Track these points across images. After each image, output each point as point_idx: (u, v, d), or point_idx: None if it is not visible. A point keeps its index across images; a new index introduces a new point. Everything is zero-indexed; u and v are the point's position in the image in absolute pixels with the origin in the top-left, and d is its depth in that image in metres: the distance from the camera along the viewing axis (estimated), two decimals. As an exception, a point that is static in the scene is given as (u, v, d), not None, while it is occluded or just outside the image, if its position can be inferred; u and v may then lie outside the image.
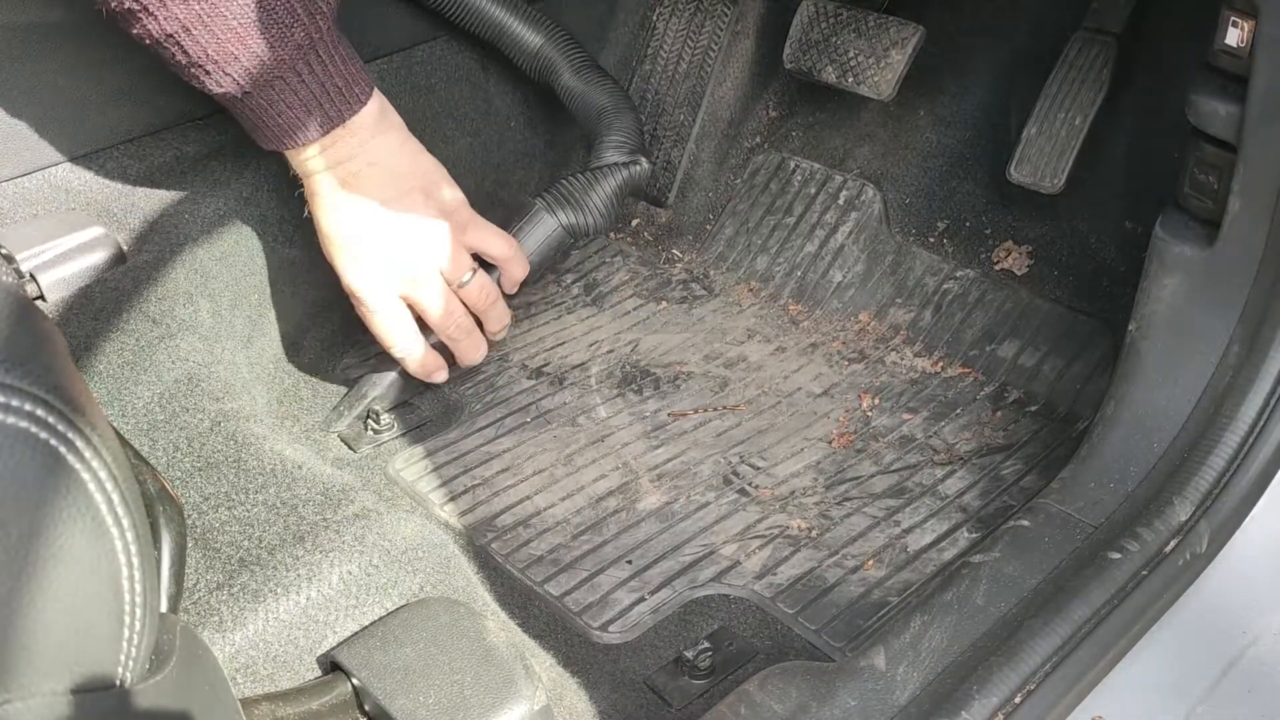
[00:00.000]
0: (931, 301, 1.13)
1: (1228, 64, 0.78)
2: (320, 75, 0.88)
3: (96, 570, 0.42)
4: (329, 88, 0.89)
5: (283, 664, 0.67)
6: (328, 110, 0.90)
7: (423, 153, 0.98)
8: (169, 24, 0.82)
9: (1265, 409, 0.78)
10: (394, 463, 0.97)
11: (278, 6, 0.84)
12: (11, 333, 0.41)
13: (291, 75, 0.87)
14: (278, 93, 0.87)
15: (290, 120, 0.89)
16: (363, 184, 0.93)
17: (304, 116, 0.89)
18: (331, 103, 0.90)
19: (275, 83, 0.87)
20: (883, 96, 1.15)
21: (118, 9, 0.82)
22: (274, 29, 0.84)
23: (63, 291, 0.93)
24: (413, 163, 0.96)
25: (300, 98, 0.88)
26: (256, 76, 0.85)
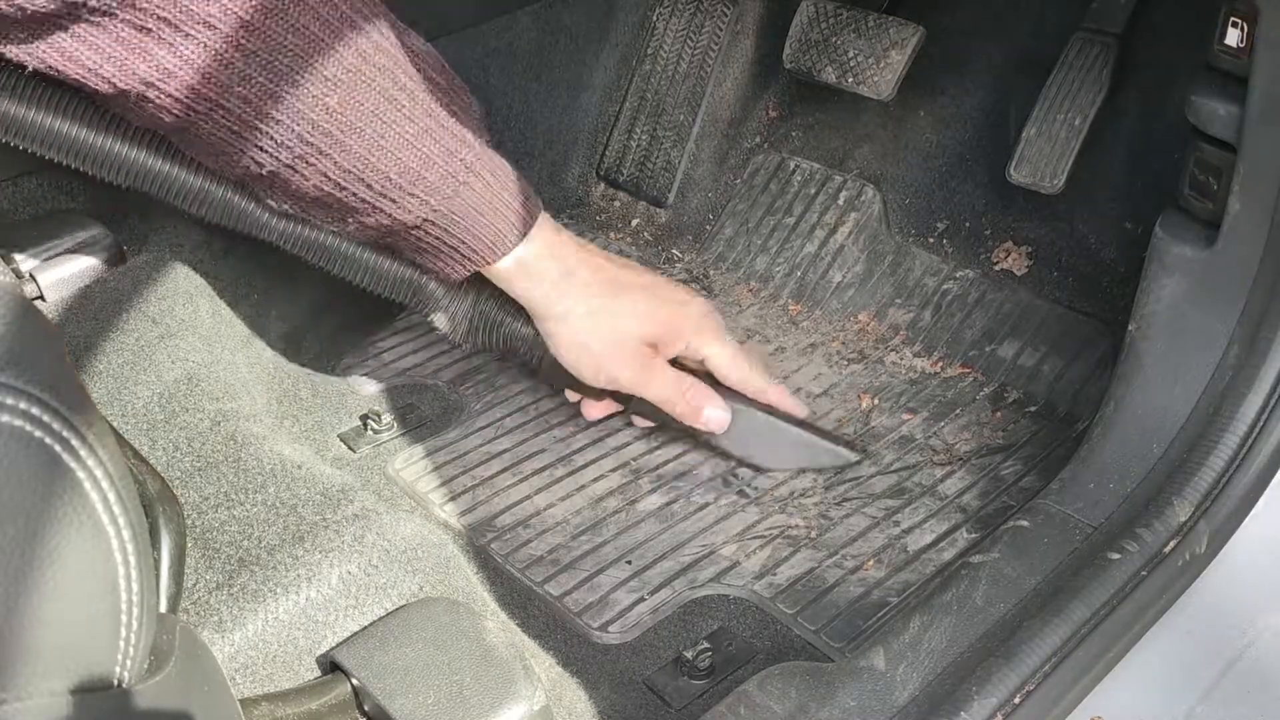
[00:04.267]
0: (931, 302, 1.13)
1: (1228, 64, 0.78)
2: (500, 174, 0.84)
3: (93, 570, 0.42)
4: (510, 180, 0.85)
5: (282, 664, 0.67)
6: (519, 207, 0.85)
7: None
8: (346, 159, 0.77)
9: (1265, 409, 0.78)
10: (394, 463, 0.97)
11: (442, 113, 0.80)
12: (9, 332, 0.41)
13: (476, 180, 0.82)
14: (467, 199, 0.82)
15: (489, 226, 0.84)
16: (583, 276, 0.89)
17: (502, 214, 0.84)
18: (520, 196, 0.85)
19: (462, 189, 0.82)
20: (882, 97, 1.15)
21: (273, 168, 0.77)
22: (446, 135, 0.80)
23: (62, 291, 0.93)
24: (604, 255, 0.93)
25: (489, 200, 0.83)
26: (443, 189, 0.81)
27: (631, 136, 1.32)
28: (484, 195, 0.83)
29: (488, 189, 0.83)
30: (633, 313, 0.91)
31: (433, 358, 1.10)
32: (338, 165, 0.78)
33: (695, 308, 0.94)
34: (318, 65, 0.74)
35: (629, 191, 1.32)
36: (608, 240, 1.30)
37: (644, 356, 0.91)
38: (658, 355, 0.93)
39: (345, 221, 0.83)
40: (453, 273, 0.88)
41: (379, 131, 0.77)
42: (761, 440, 0.95)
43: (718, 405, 0.93)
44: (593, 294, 0.89)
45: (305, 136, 0.76)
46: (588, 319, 0.89)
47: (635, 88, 1.32)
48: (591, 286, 0.89)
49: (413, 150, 0.79)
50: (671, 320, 0.92)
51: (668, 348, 0.93)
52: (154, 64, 0.71)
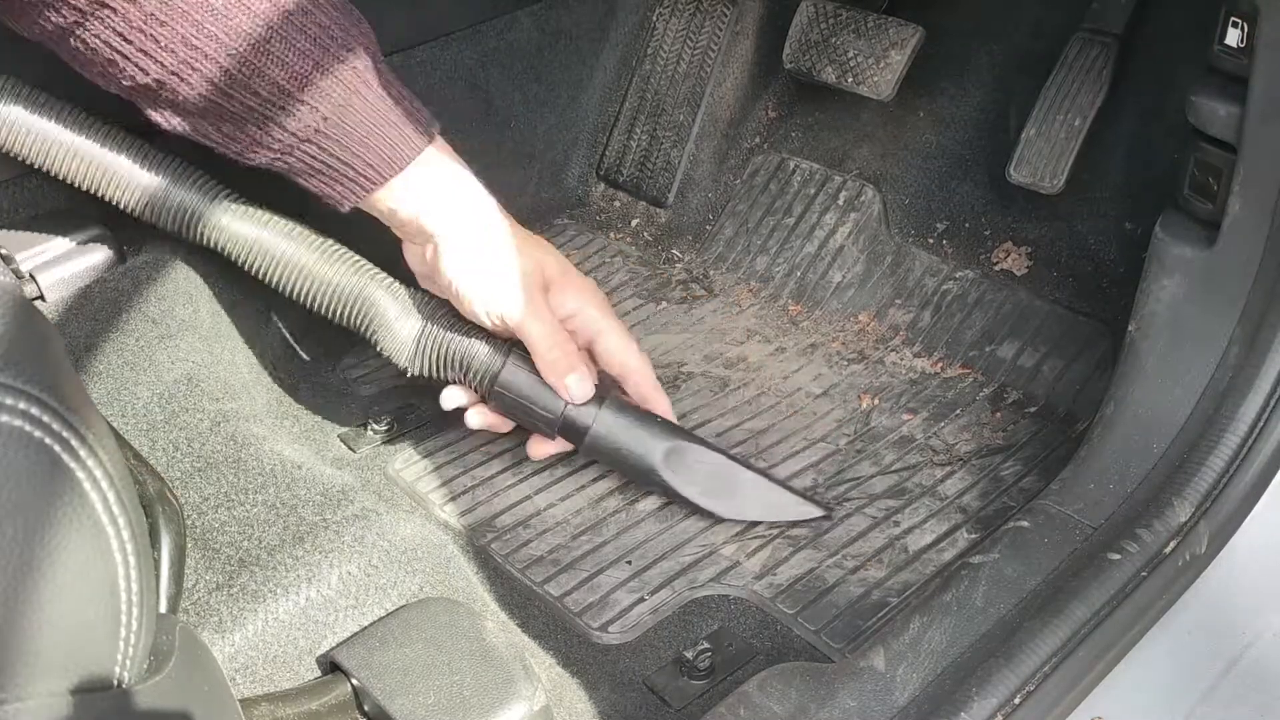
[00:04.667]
0: (931, 302, 1.13)
1: (1228, 64, 0.78)
2: (393, 90, 0.81)
3: (92, 570, 0.42)
4: (403, 101, 0.82)
5: (282, 664, 0.67)
6: (414, 125, 0.82)
7: None
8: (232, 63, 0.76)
9: (1265, 410, 0.78)
10: (394, 463, 0.97)
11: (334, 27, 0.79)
12: (9, 332, 0.41)
13: (369, 90, 0.80)
14: (360, 110, 0.80)
15: (383, 139, 0.81)
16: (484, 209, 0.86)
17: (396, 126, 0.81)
18: (414, 118, 0.82)
19: (354, 100, 0.79)
20: (882, 97, 1.15)
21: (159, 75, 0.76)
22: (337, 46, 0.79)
23: (62, 291, 0.93)
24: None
25: (383, 113, 0.80)
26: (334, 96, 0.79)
27: (631, 137, 1.32)
28: (377, 108, 0.80)
29: (381, 101, 0.80)
30: (532, 250, 0.88)
31: (433, 358, 1.10)
32: (224, 70, 0.75)
33: (592, 283, 0.92)
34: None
35: (629, 191, 1.32)
36: (608, 240, 1.30)
37: (533, 292, 0.87)
38: (546, 299, 0.88)
39: (236, 137, 0.80)
40: (347, 195, 0.84)
41: (267, 36, 0.75)
42: (721, 487, 0.90)
43: (586, 377, 0.88)
44: (491, 227, 0.86)
45: (190, 40, 0.74)
46: (485, 249, 0.86)
47: (635, 88, 1.32)
48: (490, 221, 0.86)
49: (303, 57, 0.77)
50: (570, 274, 0.90)
51: (560, 296, 0.89)
52: None
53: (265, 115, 0.78)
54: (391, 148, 0.81)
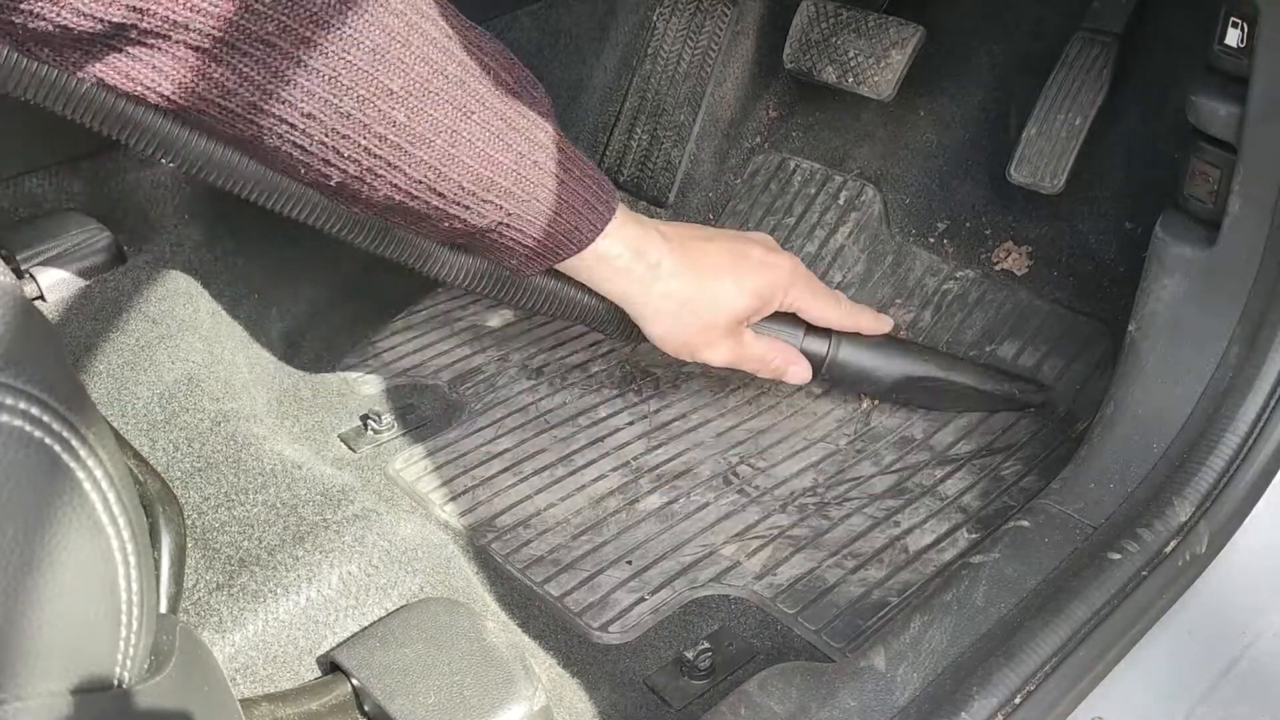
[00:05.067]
0: (931, 302, 1.13)
1: (1228, 64, 0.78)
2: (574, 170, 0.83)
3: (93, 570, 0.42)
4: (587, 181, 0.84)
5: (282, 664, 0.67)
6: (595, 204, 0.84)
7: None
8: (416, 171, 0.76)
9: (1265, 409, 0.77)
10: (394, 463, 0.97)
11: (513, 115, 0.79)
12: (9, 332, 0.41)
13: (550, 179, 0.81)
14: (543, 202, 0.81)
15: (565, 225, 0.83)
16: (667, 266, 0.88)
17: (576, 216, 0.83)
18: (595, 192, 0.84)
19: (539, 193, 0.81)
20: (883, 97, 1.15)
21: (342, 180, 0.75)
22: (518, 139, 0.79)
23: (62, 291, 0.93)
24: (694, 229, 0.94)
25: (566, 199, 0.82)
26: (517, 194, 0.80)
27: (632, 136, 1.32)
28: (558, 194, 0.82)
29: (562, 187, 0.82)
30: (723, 297, 0.91)
31: (433, 358, 1.10)
32: (408, 177, 0.76)
33: (784, 268, 0.94)
34: (383, 79, 0.72)
35: (629, 191, 1.32)
36: (608, 240, 1.30)
37: (734, 335, 0.93)
38: (746, 326, 0.95)
39: (419, 226, 0.81)
40: (528, 269, 0.86)
41: (449, 142, 0.76)
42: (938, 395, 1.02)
43: (799, 363, 0.98)
44: (677, 285, 0.89)
45: (373, 150, 0.74)
46: (679, 310, 0.89)
47: (635, 88, 1.32)
48: (674, 278, 0.89)
49: (484, 159, 0.77)
50: (760, 290, 0.93)
51: (761, 314, 0.95)
52: (213, 82, 0.69)
53: (448, 213, 0.79)
54: (573, 232, 0.84)
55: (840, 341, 0.99)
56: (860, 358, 1.00)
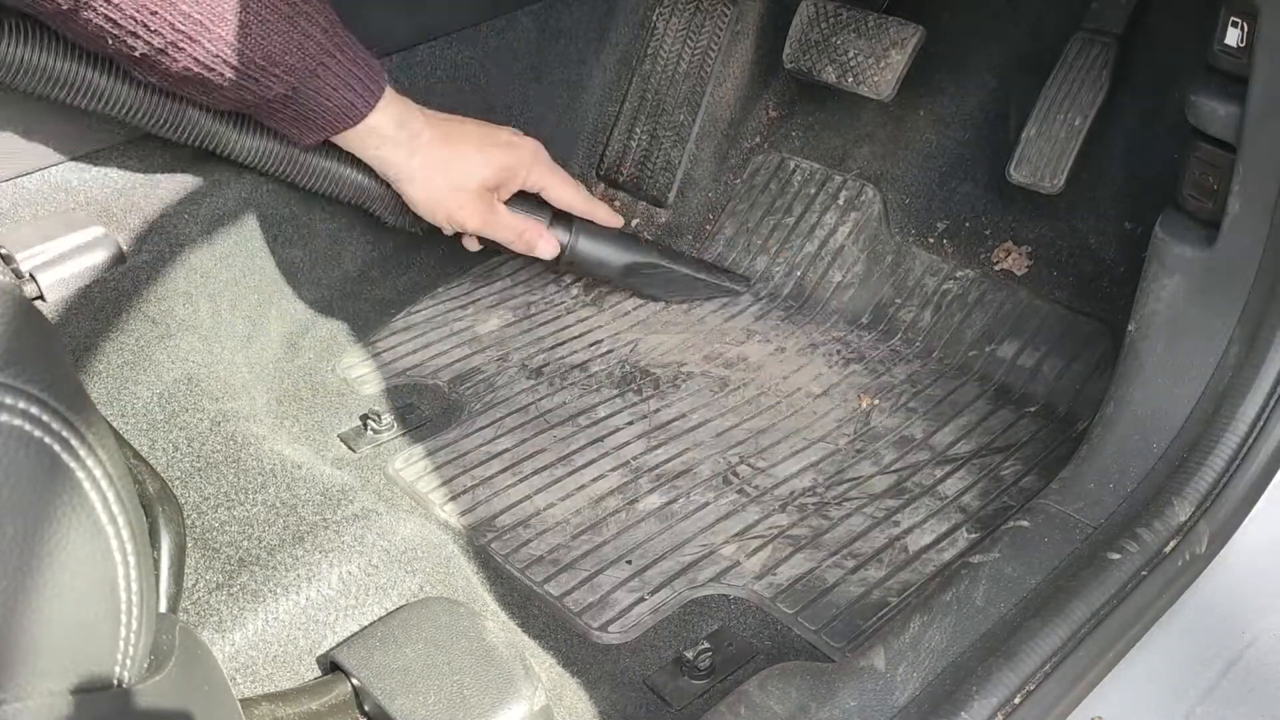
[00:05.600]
0: (931, 302, 1.13)
1: (1227, 64, 0.78)
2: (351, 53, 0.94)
3: (92, 569, 0.42)
4: (360, 62, 0.95)
5: (282, 664, 0.67)
6: (367, 83, 0.96)
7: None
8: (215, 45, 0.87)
9: (1265, 409, 0.77)
10: (394, 463, 0.97)
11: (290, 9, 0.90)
12: (9, 332, 0.41)
13: (330, 59, 0.93)
14: (323, 78, 0.93)
15: (341, 99, 0.95)
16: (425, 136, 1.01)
17: (351, 92, 0.95)
18: (367, 71, 0.96)
19: (319, 69, 0.92)
20: (882, 97, 1.15)
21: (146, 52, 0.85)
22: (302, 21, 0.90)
23: (62, 291, 0.93)
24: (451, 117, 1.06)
25: (343, 76, 0.94)
26: (301, 70, 0.91)
27: (632, 136, 1.32)
28: (336, 72, 0.94)
29: (340, 66, 0.94)
30: (471, 161, 1.04)
31: (433, 358, 1.10)
32: (206, 51, 0.86)
33: (526, 148, 1.09)
34: None
35: (629, 191, 1.32)
36: (608, 240, 1.30)
37: (485, 201, 1.06)
38: (497, 197, 1.08)
39: (211, 96, 0.92)
40: (308, 139, 0.98)
41: (244, 20, 0.87)
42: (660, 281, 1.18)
43: (548, 240, 1.12)
44: (433, 148, 1.02)
45: (176, 25, 0.84)
46: (433, 174, 1.02)
47: (635, 88, 1.32)
48: (432, 145, 1.02)
49: (275, 36, 0.89)
50: (506, 162, 1.06)
51: (507, 187, 1.08)
52: None
53: (241, 84, 0.90)
54: (349, 106, 0.96)
55: (580, 232, 1.13)
56: (596, 246, 1.14)
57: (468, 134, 1.05)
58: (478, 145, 1.05)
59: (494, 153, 1.06)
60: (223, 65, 0.88)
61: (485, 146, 1.05)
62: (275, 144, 1.00)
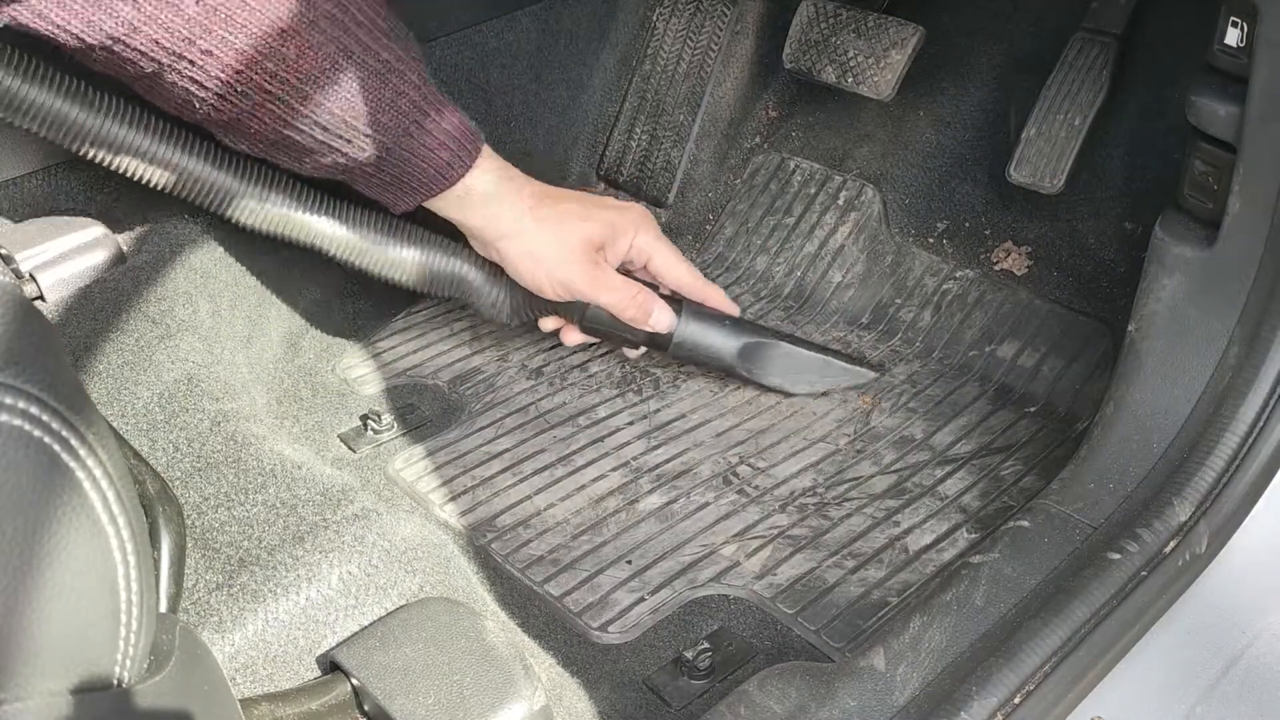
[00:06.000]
0: (931, 302, 1.13)
1: (1227, 64, 0.78)
2: (445, 111, 0.89)
3: (92, 569, 0.42)
4: (455, 119, 0.90)
5: (282, 664, 0.67)
6: (464, 141, 0.90)
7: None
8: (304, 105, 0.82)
9: (1265, 410, 0.77)
10: (394, 463, 0.97)
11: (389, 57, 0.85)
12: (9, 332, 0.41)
13: (424, 118, 0.87)
14: (417, 138, 0.88)
15: (437, 159, 0.89)
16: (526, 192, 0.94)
17: (447, 151, 0.89)
18: (463, 130, 0.90)
19: (412, 128, 0.87)
20: (882, 97, 1.15)
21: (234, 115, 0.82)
22: (394, 78, 0.85)
23: (62, 291, 0.93)
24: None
25: (438, 135, 0.88)
26: (394, 129, 0.86)
27: (631, 136, 1.32)
28: (431, 132, 0.88)
29: (435, 125, 0.88)
30: (576, 216, 0.96)
31: (433, 358, 1.10)
32: (295, 111, 0.82)
33: (634, 211, 1.00)
34: (274, 18, 0.78)
35: (629, 191, 1.32)
36: (608, 240, 1.30)
37: (592, 260, 0.97)
38: (604, 259, 0.99)
39: (302, 161, 0.88)
40: (403, 203, 0.92)
41: (333, 79, 0.82)
42: (782, 366, 1.04)
43: (664, 308, 1.00)
44: (536, 207, 0.94)
45: (264, 85, 0.80)
46: (536, 230, 0.94)
47: (635, 88, 1.32)
48: (534, 201, 0.95)
49: (365, 95, 0.84)
50: (614, 220, 0.98)
51: (614, 247, 0.99)
52: (120, 20, 0.75)
53: (330, 146, 0.86)
54: (445, 167, 0.90)
55: (689, 312, 1.01)
56: (708, 330, 1.02)
57: (568, 193, 0.99)
58: (580, 201, 0.98)
59: (598, 209, 0.98)
60: (313, 127, 0.84)
61: (588, 203, 0.99)
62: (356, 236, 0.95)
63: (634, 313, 0.99)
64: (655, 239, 1.01)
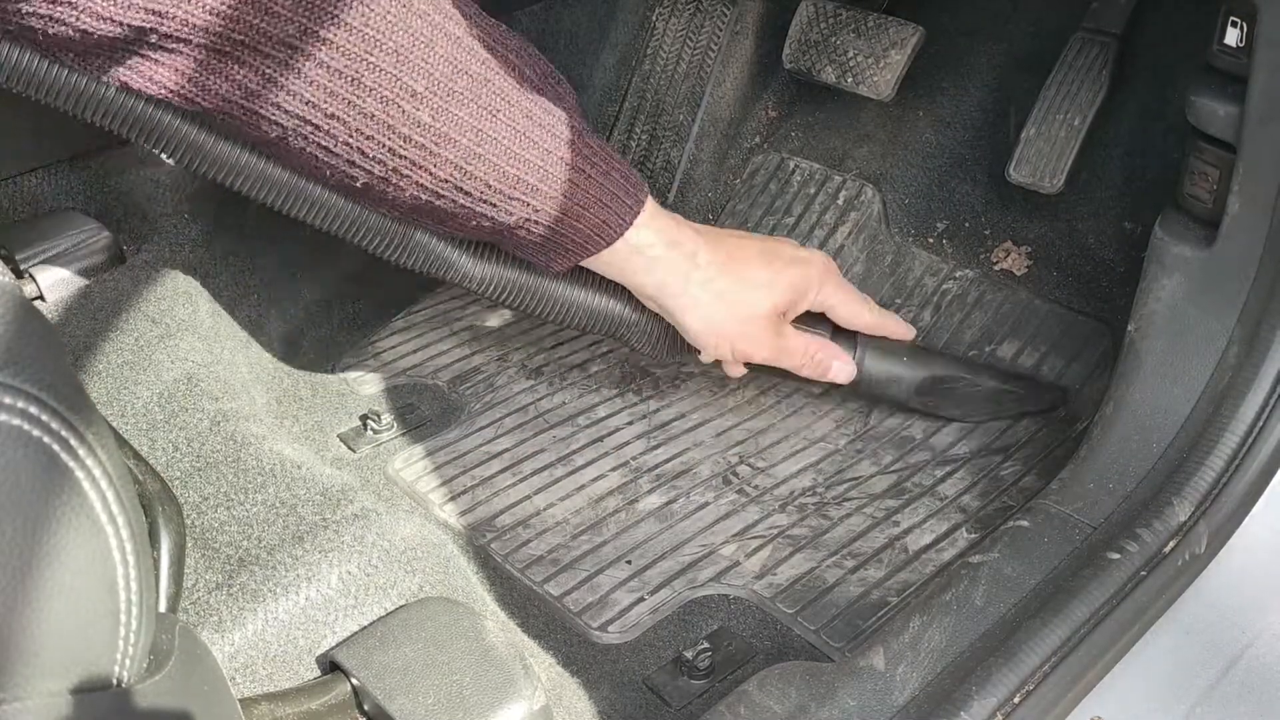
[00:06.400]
0: (931, 302, 1.13)
1: (1227, 64, 0.78)
2: (604, 165, 0.82)
3: (92, 569, 0.42)
4: (615, 173, 0.83)
5: (282, 664, 0.67)
6: (624, 198, 0.83)
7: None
8: (442, 170, 0.76)
9: (1264, 410, 0.77)
10: (393, 463, 0.97)
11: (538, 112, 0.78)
12: (8, 332, 0.41)
13: (578, 175, 0.81)
14: (571, 197, 0.81)
15: (593, 219, 0.82)
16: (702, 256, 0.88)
17: (606, 210, 0.83)
18: (623, 185, 0.83)
19: (566, 188, 0.80)
20: (882, 97, 1.15)
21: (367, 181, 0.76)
22: (544, 135, 0.79)
23: (62, 291, 0.93)
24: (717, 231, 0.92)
25: (594, 193, 0.82)
26: (543, 190, 0.80)
27: (631, 136, 1.32)
28: (585, 189, 0.81)
29: (589, 182, 0.81)
30: (759, 286, 0.90)
31: (433, 358, 1.10)
32: (434, 176, 0.76)
33: (816, 264, 0.94)
34: (407, 81, 0.72)
35: (629, 191, 1.32)
36: (607, 240, 1.30)
37: (774, 328, 0.92)
38: (785, 320, 0.94)
39: (445, 225, 0.82)
40: (557, 265, 0.86)
41: (475, 141, 0.75)
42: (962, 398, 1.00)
43: (842, 359, 0.96)
44: (715, 274, 0.88)
45: (398, 151, 0.74)
46: (717, 302, 0.88)
47: (635, 88, 1.32)
48: (712, 267, 0.88)
49: (510, 156, 0.77)
50: (796, 283, 0.92)
51: (795, 309, 0.94)
52: (235, 84, 0.70)
53: (475, 211, 0.79)
54: (603, 226, 0.83)
55: (866, 347, 0.98)
56: (888, 364, 0.98)
57: (749, 251, 0.91)
58: (764, 263, 0.91)
59: (783, 272, 0.91)
60: (454, 192, 0.77)
61: (774, 267, 0.91)
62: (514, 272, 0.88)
63: (812, 373, 0.96)
64: (836, 289, 0.95)
